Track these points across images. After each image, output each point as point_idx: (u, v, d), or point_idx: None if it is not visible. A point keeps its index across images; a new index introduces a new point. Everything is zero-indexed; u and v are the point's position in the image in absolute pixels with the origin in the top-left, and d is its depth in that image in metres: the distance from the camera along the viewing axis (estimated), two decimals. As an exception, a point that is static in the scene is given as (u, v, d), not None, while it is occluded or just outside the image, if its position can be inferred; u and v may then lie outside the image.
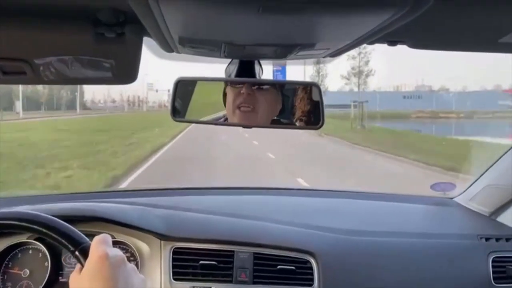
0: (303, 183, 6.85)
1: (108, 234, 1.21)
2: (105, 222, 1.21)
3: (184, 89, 0.93)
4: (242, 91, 0.88)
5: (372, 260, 1.26)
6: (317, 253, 1.22)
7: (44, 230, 0.77)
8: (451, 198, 1.74)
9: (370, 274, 1.23)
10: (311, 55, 0.81)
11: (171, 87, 0.90)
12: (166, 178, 7.54)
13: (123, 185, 6.83)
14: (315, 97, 0.89)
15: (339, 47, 0.74)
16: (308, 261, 1.21)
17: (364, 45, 0.78)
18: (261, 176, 7.68)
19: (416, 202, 1.74)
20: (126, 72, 0.84)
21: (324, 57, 0.84)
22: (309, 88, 0.90)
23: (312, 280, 1.19)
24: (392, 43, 0.78)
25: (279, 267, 1.20)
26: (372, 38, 0.66)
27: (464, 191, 1.70)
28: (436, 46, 0.82)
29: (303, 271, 1.20)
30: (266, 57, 0.85)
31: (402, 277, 1.24)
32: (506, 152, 1.49)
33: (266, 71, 0.99)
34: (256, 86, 0.89)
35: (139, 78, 0.90)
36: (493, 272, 1.28)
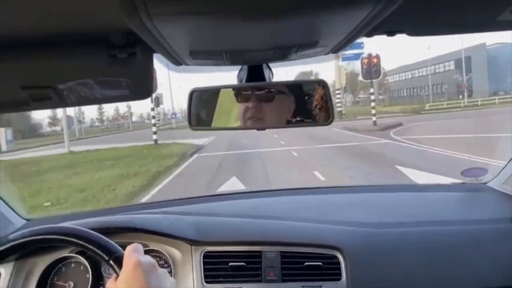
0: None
1: (142, 243, 1.29)
2: (138, 232, 1.28)
3: (198, 99, 0.98)
4: (249, 106, 0.92)
5: (401, 251, 1.25)
6: (344, 247, 1.22)
7: (81, 242, 0.84)
8: (485, 183, 1.68)
9: (400, 266, 1.22)
10: (313, 53, 0.83)
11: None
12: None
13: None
14: (324, 94, 0.93)
15: (336, 43, 0.76)
16: (335, 256, 1.22)
17: None
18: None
19: (446, 191, 1.70)
20: (141, 88, 0.89)
21: (326, 53, 0.86)
22: (318, 85, 0.93)
23: (340, 274, 1.20)
24: (391, 33, 0.79)
25: (306, 263, 1.21)
26: (367, 28, 0.68)
27: (497, 175, 1.64)
28: (435, 31, 0.82)
29: (330, 266, 1.21)
30: (269, 60, 0.88)
31: (434, 266, 1.22)
32: None
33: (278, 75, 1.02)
34: (263, 99, 0.92)
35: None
36: None
